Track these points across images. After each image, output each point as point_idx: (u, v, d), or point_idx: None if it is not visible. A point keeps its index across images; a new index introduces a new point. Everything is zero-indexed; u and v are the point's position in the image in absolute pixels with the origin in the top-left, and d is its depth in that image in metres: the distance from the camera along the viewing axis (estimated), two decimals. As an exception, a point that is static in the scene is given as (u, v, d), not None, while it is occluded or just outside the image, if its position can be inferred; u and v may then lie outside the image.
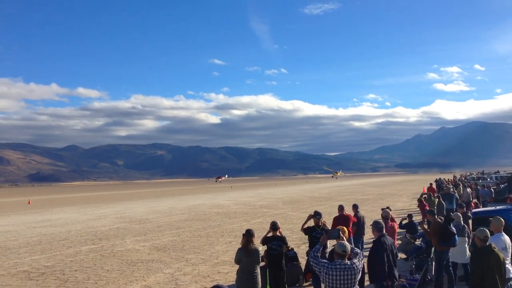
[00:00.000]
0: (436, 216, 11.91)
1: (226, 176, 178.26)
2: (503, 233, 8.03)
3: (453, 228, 10.11)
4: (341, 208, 12.74)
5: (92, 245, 19.24)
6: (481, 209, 17.38)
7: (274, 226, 9.54)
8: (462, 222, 11.42)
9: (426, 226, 11.66)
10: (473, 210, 16.06)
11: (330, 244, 9.09)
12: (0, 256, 17.21)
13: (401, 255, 12.58)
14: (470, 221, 13.58)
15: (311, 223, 10.74)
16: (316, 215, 10.53)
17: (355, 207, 14.22)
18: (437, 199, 20.35)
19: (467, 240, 11.14)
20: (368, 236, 15.95)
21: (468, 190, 25.93)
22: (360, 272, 6.25)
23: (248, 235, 8.37)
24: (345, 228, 8.72)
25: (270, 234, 9.56)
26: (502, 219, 8.19)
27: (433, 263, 10.84)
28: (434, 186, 32.45)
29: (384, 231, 8.01)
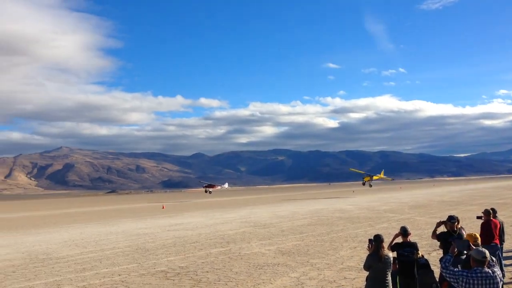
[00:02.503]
0: None
1: (226, 185, 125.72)
2: None
3: None
4: (488, 212, 11.60)
5: (221, 248, 20.15)
6: None
7: (405, 232, 9.09)
8: None
9: None
10: None
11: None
12: (140, 257, 18.79)
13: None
14: None
15: (442, 228, 10.07)
16: (451, 220, 9.85)
17: (493, 211, 13.03)
18: None
19: None
20: (509, 243, 14.63)
21: None
22: (501, 282, 5.73)
23: (378, 240, 8.09)
24: (477, 235, 8.05)
25: (399, 240, 9.15)
26: None
27: None
28: None
29: None
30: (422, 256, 12.04)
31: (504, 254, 12.99)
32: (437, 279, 11.18)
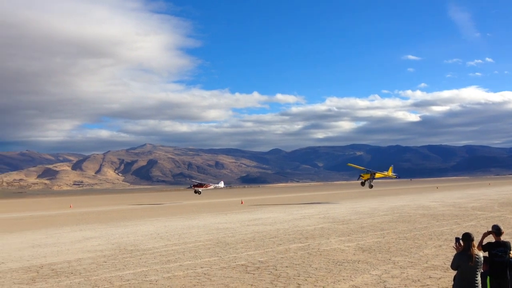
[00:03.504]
0: None
1: (222, 184, 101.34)
2: None
3: None
4: None
5: (299, 243, 20.15)
6: None
7: (498, 231, 8.55)
8: None
9: None
10: None
11: None
12: (221, 250, 19.27)
13: None
14: None
15: None
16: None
17: None
18: None
19: None
20: None
21: None
22: None
23: (469, 239, 7.68)
24: None
25: (492, 239, 8.62)
26: None
27: None
28: None
29: None
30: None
31: None
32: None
